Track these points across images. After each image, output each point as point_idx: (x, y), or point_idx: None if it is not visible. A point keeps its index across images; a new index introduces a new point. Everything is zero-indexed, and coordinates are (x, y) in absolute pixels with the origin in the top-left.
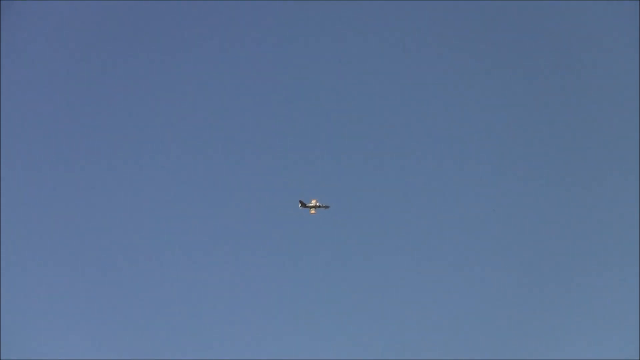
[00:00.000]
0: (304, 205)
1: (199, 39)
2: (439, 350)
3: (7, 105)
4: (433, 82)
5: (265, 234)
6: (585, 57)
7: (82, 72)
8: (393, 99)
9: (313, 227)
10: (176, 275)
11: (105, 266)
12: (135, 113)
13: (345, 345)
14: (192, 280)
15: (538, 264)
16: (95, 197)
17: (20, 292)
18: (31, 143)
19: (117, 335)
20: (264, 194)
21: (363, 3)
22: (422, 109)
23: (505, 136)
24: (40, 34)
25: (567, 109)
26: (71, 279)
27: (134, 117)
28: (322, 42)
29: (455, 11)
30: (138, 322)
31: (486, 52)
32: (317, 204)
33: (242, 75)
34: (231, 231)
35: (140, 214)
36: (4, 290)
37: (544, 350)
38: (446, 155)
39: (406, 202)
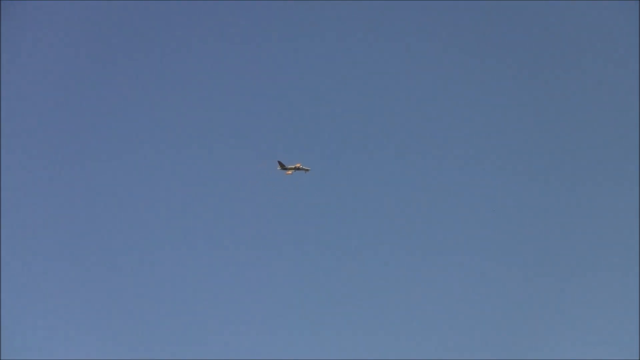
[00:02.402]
0: (283, 167)
1: (199, 39)
2: (439, 350)
3: (7, 105)
4: (433, 81)
5: (265, 235)
6: (585, 57)
7: (82, 72)
8: (393, 98)
9: (314, 227)
10: (176, 275)
11: (106, 266)
12: (135, 113)
13: (345, 345)
14: (192, 280)
15: (538, 264)
16: (96, 197)
17: (20, 292)
18: (31, 143)
19: (117, 335)
20: (264, 194)
21: (363, 3)
22: (423, 109)
23: (505, 136)
24: (40, 34)
25: (567, 109)
26: (71, 279)
27: (134, 117)
28: (322, 41)
29: (456, 11)
30: (138, 322)
31: (486, 52)
32: (300, 166)
33: (242, 75)
34: (231, 230)
35: (140, 212)
36: (4, 290)
37: (544, 350)
38: (446, 154)
39: (407, 201)
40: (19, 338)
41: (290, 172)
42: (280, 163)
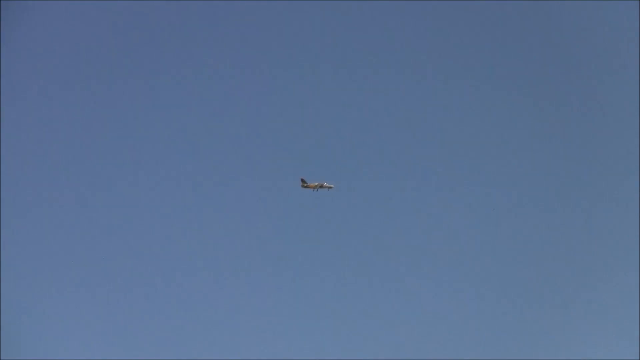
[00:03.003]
0: (305, 184)
1: (200, 39)
2: (439, 351)
3: (7, 105)
4: (434, 84)
5: (265, 237)
6: (585, 57)
7: (82, 72)
8: (394, 100)
9: (315, 227)
10: (177, 276)
11: (106, 266)
12: (136, 113)
13: (345, 345)
14: (193, 281)
15: (538, 265)
16: (96, 198)
17: (20, 292)
18: (31, 143)
19: (117, 335)
20: (265, 195)
21: (364, 3)
22: (424, 111)
23: (506, 138)
24: (40, 34)
25: (566, 109)
26: (71, 279)
27: (135, 117)
28: (323, 42)
29: (457, 12)
30: (138, 322)
31: (486, 54)
32: (324, 184)
33: (243, 77)
34: (232, 231)
35: (141, 213)
36: (4, 290)
37: (544, 350)
38: (446, 156)
39: (408, 204)
40: (19, 338)
41: (313, 187)
42: (302, 180)
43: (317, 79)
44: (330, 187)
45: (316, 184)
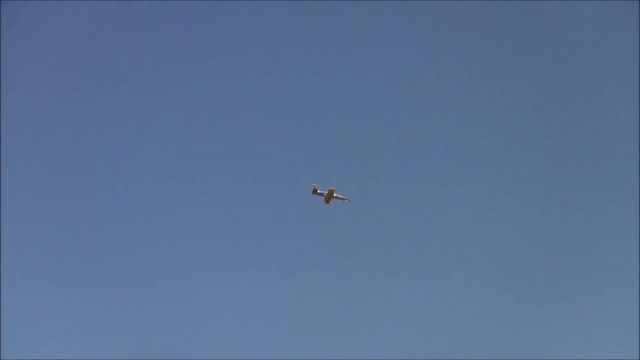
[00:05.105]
0: (316, 192)
1: (202, 40)
2: (439, 351)
3: (7, 105)
4: (435, 84)
5: (264, 237)
6: (585, 57)
7: (83, 73)
8: (394, 101)
9: (315, 228)
10: (177, 276)
11: (106, 266)
12: (137, 114)
13: (345, 345)
14: (195, 283)
15: (538, 263)
16: (96, 198)
17: (20, 292)
18: (31, 144)
19: (117, 335)
20: (265, 197)
21: (365, 3)
22: (423, 112)
23: (505, 138)
24: (40, 34)
25: (565, 110)
26: (71, 279)
27: (136, 118)
28: (324, 43)
29: (457, 12)
30: (138, 323)
31: (484, 54)
32: (340, 195)
33: (245, 78)
34: (232, 231)
35: (140, 213)
36: (4, 290)
37: (544, 350)
38: (447, 155)
39: (410, 205)
40: (19, 338)
41: (326, 197)
42: (315, 187)
43: (324, 81)
44: (346, 199)
45: (337, 195)
